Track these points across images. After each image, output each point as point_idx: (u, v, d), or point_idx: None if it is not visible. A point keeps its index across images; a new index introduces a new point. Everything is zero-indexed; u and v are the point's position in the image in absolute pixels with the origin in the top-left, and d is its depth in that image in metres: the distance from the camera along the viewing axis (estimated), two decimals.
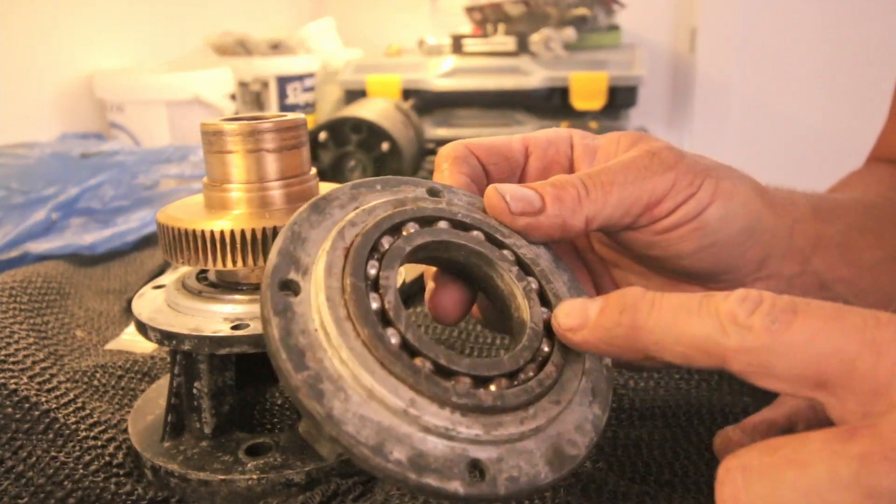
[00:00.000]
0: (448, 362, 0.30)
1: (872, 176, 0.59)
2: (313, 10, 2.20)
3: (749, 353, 0.27)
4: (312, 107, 1.57)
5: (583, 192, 0.38)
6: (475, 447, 0.29)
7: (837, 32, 2.09)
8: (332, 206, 0.34)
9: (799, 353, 0.26)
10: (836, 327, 0.26)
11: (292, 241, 0.32)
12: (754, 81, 2.17)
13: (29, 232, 0.84)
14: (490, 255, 0.36)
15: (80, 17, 1.28)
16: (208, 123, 0.43)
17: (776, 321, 0.26)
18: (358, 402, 0.28)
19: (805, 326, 0.26)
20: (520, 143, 0.45)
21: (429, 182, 0.39)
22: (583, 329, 0.32)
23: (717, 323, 0.27)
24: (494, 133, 1.47)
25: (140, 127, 1.23)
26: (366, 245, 0.32)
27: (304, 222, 0.33)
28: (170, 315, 0.43)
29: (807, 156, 2.11)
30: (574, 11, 1.56)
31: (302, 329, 0.29)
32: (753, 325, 0.26)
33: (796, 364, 0.26)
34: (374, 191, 0.37)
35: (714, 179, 0.40)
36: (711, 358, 0.28)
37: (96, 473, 0.43)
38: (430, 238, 0.35)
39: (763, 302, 0.27)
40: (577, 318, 0.32)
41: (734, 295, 0.28)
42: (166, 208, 0.45)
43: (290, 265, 0.31)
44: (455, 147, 0.43)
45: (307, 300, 0.30)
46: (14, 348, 0.54)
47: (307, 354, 0.29)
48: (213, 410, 0.43)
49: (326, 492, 0.40)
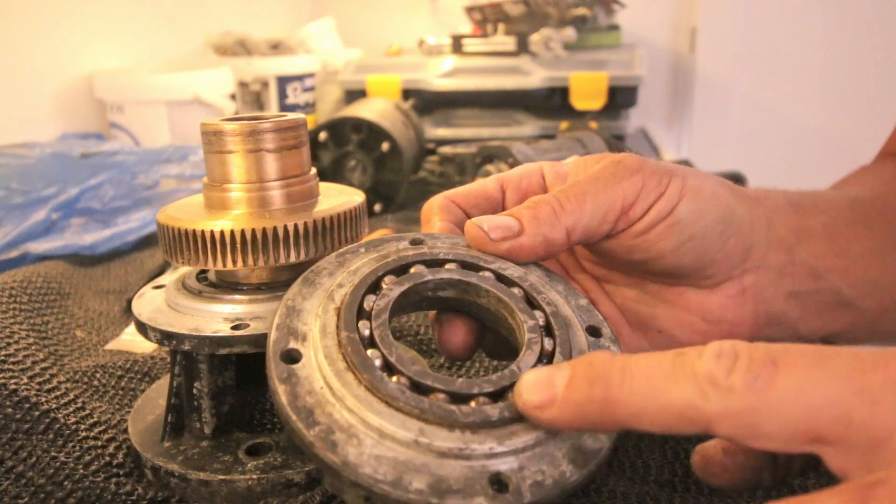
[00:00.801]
0: (461, 388, 0.31)
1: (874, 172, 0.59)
2: (313, 10, 2.20)
3: (734, 416, 0.25)
4: (312, 107, 1.57)
5: (557, 206, 0.40)
6: (493, 461, 0.29)
7: (837, 32, 2.09)
8: (321, 277, 0.37)
9: (788, 409, 0.24)
10: (823, 376, 0.24)
11: (288, 315, 0.34)
12: (754, 81, 2.17)
13: (29, 232, 0.84)
14: (467, 280, 0.38)
15: (80, 17, 1.28)
16: (208, 123, 0.43)
17: (758, 378, 0.25)
18: (371, 444, 0.29)
19: (789, 379, 0.24)
20: (494, 183, 0.47)
21: (412, 234, 0.41)
22: (552, 406, 0.29)
23: (695, 387, 0.26)
24: (494, 133, 1.48)
25: (140, 127, 1.23)
26: (354, 301, 0.34)
27: (297, 296, 0.35)
28: (170, 315, 0.43)
29: (807, 156, 2.11)
30: (574, 11, 1.56)
31: (308, 390, 0.31)
32: (734, 385, 0.25)
33: (787, 422, 0.24)
34: (358, 254, 0.39)
35: (680, 178, 0.41)
36: (695, 424, 0.26)
37: (96, 473, 0.43)
38: (409, 284, 0.36)
39: (740, 356, 0.25)
40: (544, 393, 0.29)
41: (708, 351, 0.26)
42: (166, 208, 0.45)
43: (289, 336, 0.33)
44: (436, 200, 0.45)
45: (309, 363, 0.32)
46: (14, 348, 0.54)
47: (316, 411, 0.30)
48: (213, 410, 0.43)
49: (326, 492, 0.40)
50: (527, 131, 1.42)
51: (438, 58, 1.54)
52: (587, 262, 0.49)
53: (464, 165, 1.01)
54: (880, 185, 0.54)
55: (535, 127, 1.43)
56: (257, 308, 0.42)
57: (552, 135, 1.27)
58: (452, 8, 2.03)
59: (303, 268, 0.45)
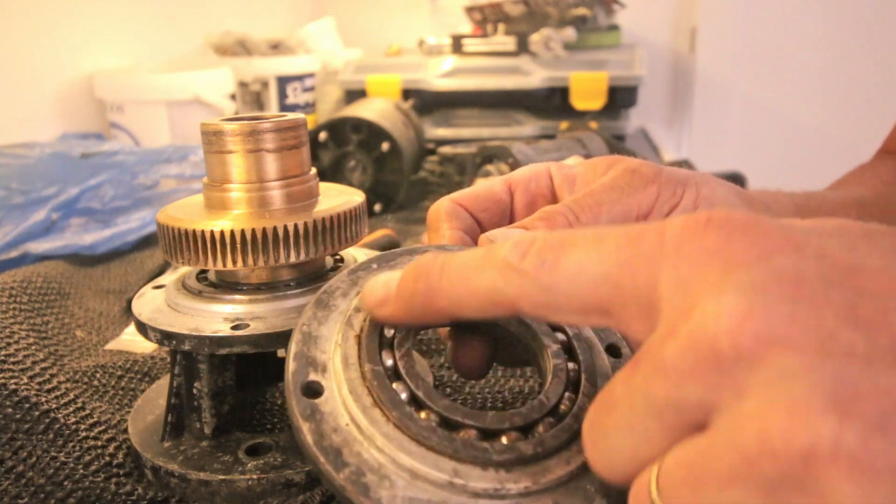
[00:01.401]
0: (491, 424, 0.30)
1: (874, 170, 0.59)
2: (313, 10, 2.20)
3: (530, 296, 0.27)
4: (312, 107, 1.57)
5: (572, 217, 0.40)
6: (528, 500, 0.29)
7: (837, 32, 2.09)
8: (334, 298, 0.35)
9: (571, 286, 0.26)
10: (596, 253, 0.26)
11: (305, 343, 0.33)
12: (754, 81, 2.17)
13: (29, 232, 0.84)
14: None
15: (80, 17, 1.28)
16: (208, 123, 0.43)
17: (544, 261, 0.27)
18: (403, 486, 0.28)
19: (571, 259, 0.26)
20: (502, 185, 0.47)
21: (424, 247, 0.40)
22: (387, 303, 0.32)
23: (497, 273, 0.28)
24: (494, 133, 1.48)
25: (140, 127, 1.23)
26: (374, 329, 0.33)
27: (313, 321, 0.34)
28: (170, 315, 0.43)
29: (807, 156, 2.11)
30: (574, 11, 1.56)
31: (333, 427, 0.29)
32: (525, 268, 0.27)
33: (573, 297, 0.26)
34: (371, 271, 0.37)
35: (694, 187, 0.42)
36: (502, 307, 0.28)
37: (96, 473, 0.43)
38: None
39: (533, 242, 0.27)
40: (381, 293, 0.32)
41: (509, 241, 0.28)
42: (166, 208, 0.45)
43: (308, 367, 0.32)
44: (443, 204, 0.45)
45: (332, 397, 0.31)
46: (14, 348, 0.54)
47: (343, 451, 0.29)
48: (213, 410, 0.43)
49: (326, 492, 0.40)
50: (527, 131, 1.42)
51: (438, 58, 1.54)
52: None
53: (464, 165, 1.01)
54: (881, 185, 0.54)
55: (535, 127, 1.43)
56: (257, 308, 0.42)
57: (552, 135, 1.27)
58: (452, 8, 2.03)
59: (303, 267, 0.46)
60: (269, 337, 0.40)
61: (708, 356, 0.22)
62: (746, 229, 0.24)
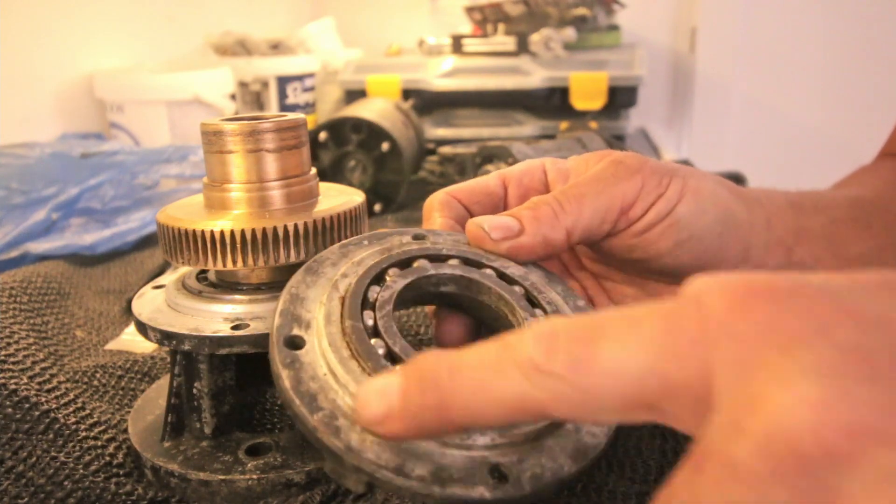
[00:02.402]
0: None
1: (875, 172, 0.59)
2: (313, 10, 2.20)
3: (565, 399, 0.24)
4: (312, 107, 1.57)
5: (557, 207, 0.40)
6: (493, 452, 0.30)
7: (837, 32, 2.09)
8: (324, 266, 0.37)
9: (612, 385, 0.23)
10: (634, 343, 0.23)
11: (291, 302, 0.34)
12: (754, 81, 2.17)
13: (29, 232, 0.84)
14: (470, 276, 0.38)
15: (80, 17, 1.28)
16: (208, 123, 0.43)
17: (578, 359, 0.23)
18: None
19: (607, 354, 0.23)
20: (496, 179, 0.47)
21: (414, 229, 0.41)
22: (390, 420, 0.27)
23: (522, 376, 0.24)
24: (494, 133, 1.48)
25: (140, 127, 1.23)
26: (359, 290, 0.35)
27: (301, 284, 0.35)
28: (170, 315, 0.43)
29: (806, 155, 2.11)
30: (574, 11, 1.56)
31: (311, 376, 0.31)
32: (556, 369, 0.24)
33: (615, 396, 0.23)
34: (362, 246, 0.39)
35: (680, 178, 0.42)
36: (531, 413, 0.25)
37: (96, 473, 0.43)
38: (413, 277, 0.37)
39: (558, 336, 0.24)
40: (379, 407, 0.27)
41: (528, 335, 0.25)
42: (166, 208, 0.45)
43: (293, 322, 0.33)
44: (438, 195, 0.46)
45: (313, 350, 0.32)
46: (14, 348, 0.54)
47: (319, 396, 0.30)
48: (213, 410, 0.43)
49: (326, 492, 0.40)
50: (527, 131, 1.42)
51: (438, 58, 1.54)
52: (587, 259, 0.49)
53: (464, 165, 1.01)
54: (880, 185, 0.54)
55: (535, 127, 1.43)
56: (257, 308, 0.42)
57: (552, 135, 1.27)
58: (452, 8, 2.03)
59: None
60: (269, 337, 0.40)
61: (790, 458, 0.19)
62: (793, 297, 0.21)
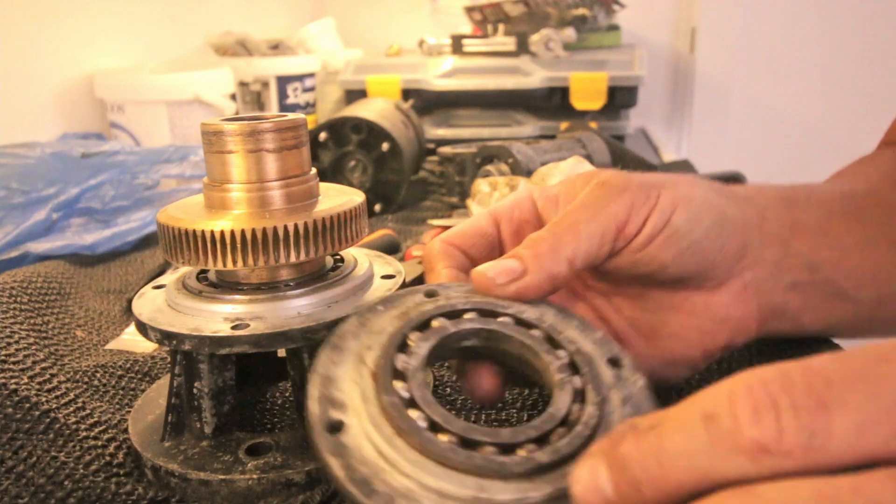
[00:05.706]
0: (508, 438, 0.32)
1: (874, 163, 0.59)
2: (313, 10, 2.20)
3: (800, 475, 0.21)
4: (312, 107, 1.57)
5: (554, 240, 0.40)
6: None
7: (837, 32, 2.09)
8: (346, 341, 0.37)
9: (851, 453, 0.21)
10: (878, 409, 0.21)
11: (323, 385, 0.34)
12: (754, 81, 2.17)
13: (29, 232, 0.84)
14: (489, 328, 0.39)
15: (80, 17, 1.28)
16: (208, 123, 0.43)
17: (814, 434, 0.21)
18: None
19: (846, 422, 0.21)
20: (487, 219, 0.47)
21: (425, 287, 0.42)
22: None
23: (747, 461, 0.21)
24: (494, 133, 1.48)
25: (140, 127, 1.23)
26: (387, 364, 0.34)
27: (329, 364, 0.35)
28: (170, 315, 0.43)
29: (806, 155, 2.11)
30: (574, 11, 1.56)
31: (360, 460, 0.31)
32: (791, 451, 0.21)
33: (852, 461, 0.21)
34: (377, 313, 0.39)
35: (669, 189, 0.42)
36: None
37: (96, 473, 0.43)
38: (436, 339, 0.37)
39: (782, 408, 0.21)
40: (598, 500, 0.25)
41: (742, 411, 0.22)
42: (166, 208, 0.45)
43: (329, 406, 0.33)
44: (435, 245, 0.46)
45: (355, 432, 0.32)
46: (14, 348, 0.54)
47: (373, 481, 0.30)
48: (214, 410, 0.43)
49: (326, 492, 0.40)
50: (527, 131, 1.42)
51: (438, 58, 1.54)
52: (593, 280, 0.49)
53: (464, 165, 1.01)
54: (877, 177, 0.54)
55: (535, 127, 1.43)
56: (257, 308, 0.42)
57: (552, 135, 1.27)
58: (452, 8, 2.03)
59: (303, 267, 0.46)
60: (269, 337, 0.40)
61: None
62: None
